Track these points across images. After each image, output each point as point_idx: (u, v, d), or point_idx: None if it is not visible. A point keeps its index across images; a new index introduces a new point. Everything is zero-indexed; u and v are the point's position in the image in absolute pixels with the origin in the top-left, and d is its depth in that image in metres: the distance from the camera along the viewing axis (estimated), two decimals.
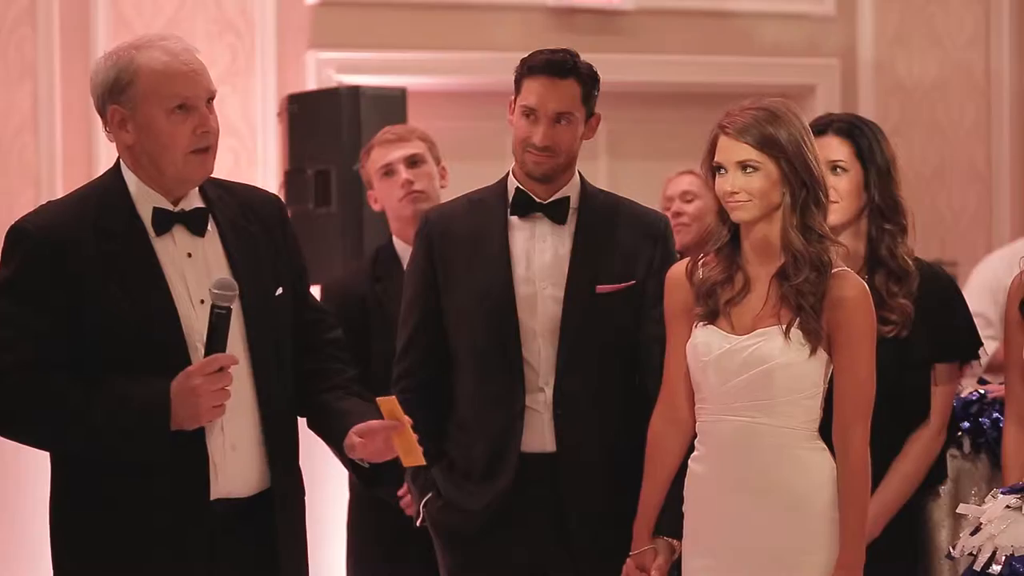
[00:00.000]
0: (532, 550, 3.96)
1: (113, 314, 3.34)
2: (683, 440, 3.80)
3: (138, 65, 3.40)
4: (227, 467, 3.40)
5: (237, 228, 3.50)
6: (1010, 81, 8.66)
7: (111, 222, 3.40)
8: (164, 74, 3.40)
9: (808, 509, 3.65)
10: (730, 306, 3.70)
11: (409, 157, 4.83)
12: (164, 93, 3.39)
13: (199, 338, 3.37)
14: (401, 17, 7.68)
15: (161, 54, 3.42)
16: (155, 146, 3.40)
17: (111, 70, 3.42)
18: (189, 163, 3.43)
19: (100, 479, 3.36)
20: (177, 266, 3.41)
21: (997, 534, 3.65)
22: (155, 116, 3.40)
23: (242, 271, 3.43)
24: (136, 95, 3.40)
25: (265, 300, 3.46)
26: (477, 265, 4.00)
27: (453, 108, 7.54)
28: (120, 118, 3.42)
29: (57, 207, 3.48)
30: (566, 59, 3.95)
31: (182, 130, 3.40)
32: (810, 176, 3.66)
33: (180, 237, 3.44)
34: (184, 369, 3.32)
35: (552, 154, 3.95)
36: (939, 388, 4.05)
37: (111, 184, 3.47)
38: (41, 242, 3.36)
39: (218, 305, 3.33)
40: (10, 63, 6.95)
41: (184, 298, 3.40)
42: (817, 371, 3.66)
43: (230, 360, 3.33)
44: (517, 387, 3.94)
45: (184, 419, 3.31)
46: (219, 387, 3.32)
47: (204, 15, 7.17)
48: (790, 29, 8.34)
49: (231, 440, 3.40)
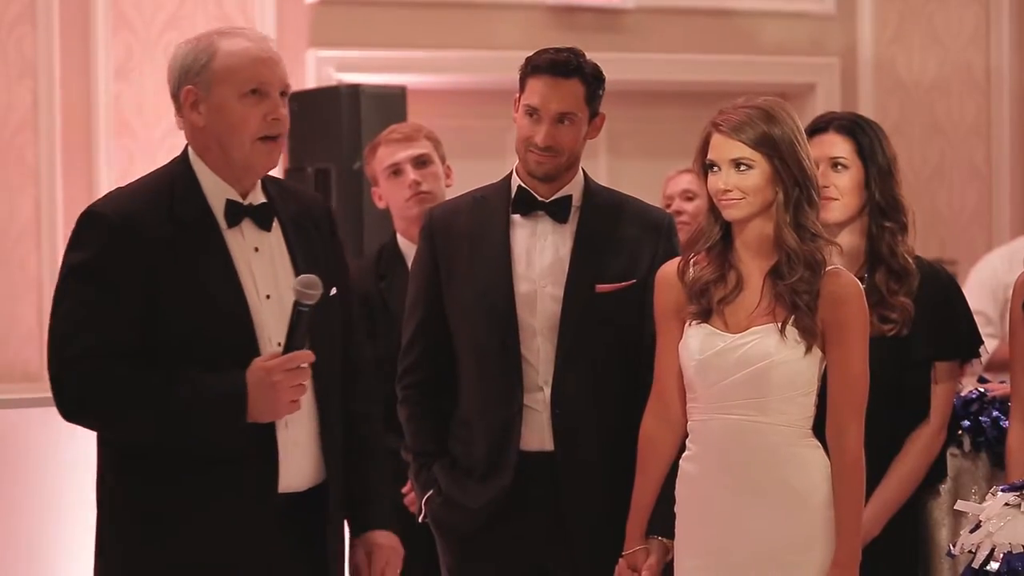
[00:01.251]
0: (531, 548, 3.96)
1: (184, 304, 3.35)
2: (675, 439, 3.79)
3: (217, 47, 3.41)
4: (290, 462, 3.42)
5: (298, 226, 3.51)
6: (1010, 80, 8.67)
7: (185, 211, 3.41)
8: (241, 57, 3.41)
9: (803, 507, 3.65)
10: (723, 304, 3.69)
11: (417, 157, 4.84)
12: (239, 76, 3.40)
13: (265, 332, 3.39)
14: (401, 15, 7.69)
15: (242, 39, 3.43)
16: (224, 128, 3.41)
17: (190, 53, 3.44)
18: (256, 149, 3.42)
19: (168, 467, 3.37)
20: (245, 260, 3.42)
21: (995, 532, 3.64)
22: (227, 97, 3.40)
23: (303, 268, 3.44)
24: (211, 76, 3.40)
25: (322, 299, 3.46)
26: (478, 263, 4.00)
27: (453, 106, 7.54)
28: (193, 99, 3.42)
29: (131, 193, 3.47)
30: (570, 59, 3.94)
31: (253, 113, 3.40)
32: (803, 175, 3.66)
33: (248, 231, 3.45)
34: (255, 360, 3.34)
35: (554, 154, 3.95)
36: (939, 387, 4.05)
37: (182, 173, 3.47)
38: (118, 227, 3.35)
39: (301, 303, 3.34)
40: (10, 61, 6.96)
41: (252, 292, 3.41)
42: (811, 369, 3.66)
43: (308, 357, 3.36)
44: (516, 385, 3.94)
45: (261, 412, 3.33)
46: (297, 383, 3.35)
47: (204, 13, 7.17)
48: (790, 28, 8.35)
49: (294, 436, 3.43)
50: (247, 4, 7.23)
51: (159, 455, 3.37)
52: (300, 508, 3.45)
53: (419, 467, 4.08)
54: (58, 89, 6.99)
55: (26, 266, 6.96)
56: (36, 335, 6.88)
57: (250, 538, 3.37)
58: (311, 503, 3.47)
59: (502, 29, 7.77)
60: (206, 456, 3.35)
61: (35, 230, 6.96)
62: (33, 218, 6.97)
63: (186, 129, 3.48)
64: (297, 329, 3.35)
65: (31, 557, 5.49)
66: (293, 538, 3.44)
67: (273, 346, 3.39)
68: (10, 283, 6.97)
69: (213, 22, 7.16)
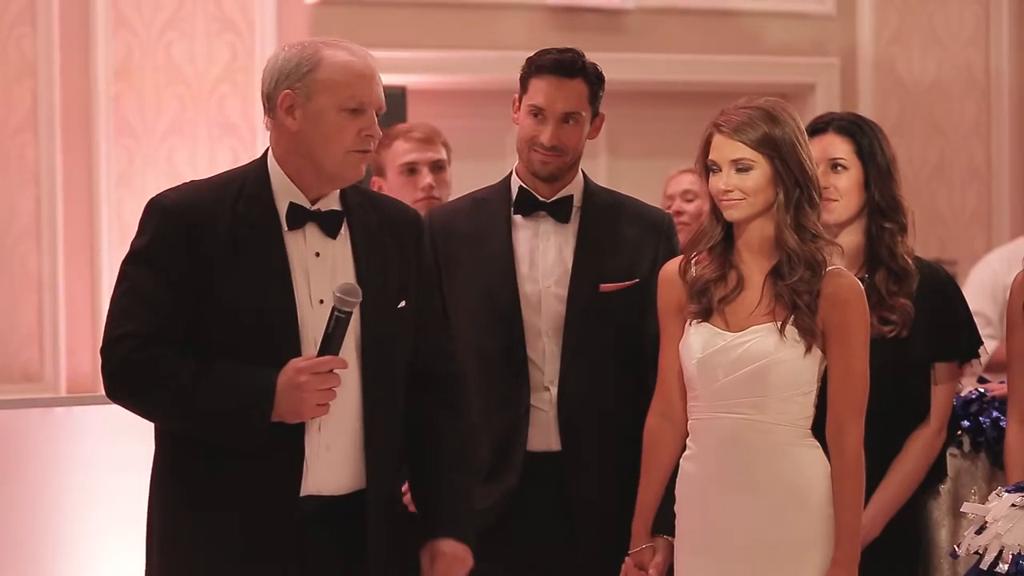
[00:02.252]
0: (538, 549, 3.96)
1: (234, 299, 3.37)
2: (680, 437, 3.80)
3: (322, 56, 3.43)
4: (319, 466, 3.42)
5: (371, 236, 3.51)
6: (1009, 80, 8.67)
7: (248, 209, 3.43)
8: (346, 71, 3.43)
9: (802, 506, 3.65)
10: (724, 304, 3.70)
11: (436, 162, 4.88)
12: (342, 91, 3.42)
13: (312, 336, 3.40)
14: (401, 15, 7.69)
15: (346, 53, 3.45)
16: (319, 137, 3.42)
17: (293, 57, 3.45)
18: (348, 161, 3.44)
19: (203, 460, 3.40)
20: (303, 263, 3.43)
21: (1004, 533, 3.65)
22: (327, 109, 3.41)
23: (367, 278, 3.44)
24: (313, 84, 3.42)
25: (386, 310, 3.47)
26: (480, 264, 4.00)
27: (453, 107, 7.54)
28: (290, 103, 3.43)
29: (199, 186, 3.50)
30: (574, 59, 3.95)
31: (350, 128, 3.42)
32: (804, 175, 3.67)
33: (311, 235, 3.46)
34: (290, 360, 3.35)
35: (559, 154, 3.95)
36: (939, 387, 4.05)
37: (256, 173, 3.49)
38: (177, 217, 3.39)
39: (340, 309, 3.34)
40: (10, 61, 6.95)
41: (304, 295, 3.42)
42: (811, 368, 3.66)
43: (340, 363, 3.35)
44: (522, 386, 3.94)
45: (286, 412, 3.34)
46: (326, 387, 3.35)
47: (204, 13, 7.17)
48: (790, 28, 8.35)
49: (326, 441, 3.42)
50: (247, 4, 7.23)
51: (197, 450, 3.40)
52: (339, 512, 3.45)
53: None
54: (58, 89, 6.99)
55: (26, 266, 6.95)
56: (36, 335, 6.88)
57: (274, 536, 3.38)
58: (352, 508, 3.46)
59: (503, 29, 7.77)
60: (235, 450, 3.37)
61: (35, 230, 6.95)
62: (33, 218, 6.96)
63: (273, 131, 3.49)
64: (333, 334, 3.35)
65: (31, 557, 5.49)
66: (330, 541, 3.44)
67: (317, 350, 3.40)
68: (10, 283, 6.96)
69: (213, 23, 7.16)
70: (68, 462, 5.20)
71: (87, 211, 6.74)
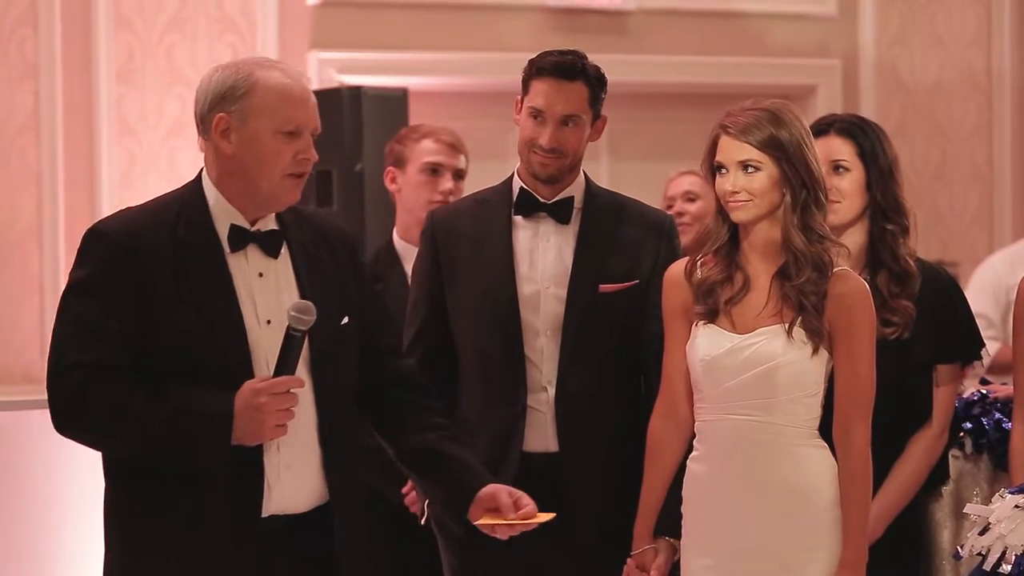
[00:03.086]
0: (535, 550, 3.96)
1: (181, 324, 3.35)
2: (683, 439, 3.80)
3: (256, 79, 3.41)
4: (281, 486, 3.41)
5: (309, 254, 3.51)
6: (1012, 81, 8.66)
7: (189, 234, 3.41)
8: (281, 95, 3.41)
9: (809, 507, 3.66)
10: (730, 305, 3.71)
11: (459, 170, 4.93)
12: (278, 114, 3.40)
13: (263, 356, 3.39)
14: (403, 17, 7.69)
15: (281, 75, 3.43)
16: (254, 160, 3.41)
17: (227, 79, 3.42)
18: (284, 185, 3.43)
19: (155, 486, 3.37)
20: (247, 284, 3.42)
21: (1007, 534, 3.65)
22: (262, 132, 3.40)
23: (311, 296, 3.43)
24: (248, 108, 3.40)
25: (332, 326, 3.46)
26: (480, 264, 4.00)
27: (455, 108, 7.54)
28: (225, 127, 3.41)
29: (137, 213, 3.48)
30: (575, 62, 3.95)
31: (286, 151, 3.41)
32: (810, 177, 3.67)
33: (253, 256, 3.45)
34: (245, 382, 3.33)
35: (559, 156, 3.96)
36: (941, 389, 4.05)
37: (191, 196, 3.47)
38: (119, 245, 3.37)
39: (294, 328, 3.34)
40: (11, 63, 6.96)
41: (252, 316, 3.41)
42: (818, 370, 3.67)
43: (297, 382, 3.35)
44: (519, 386, 3.95)
45: (246, 434, 3.33)
46: (284, 407, 3.33)
47: (206, 15, 7.17)
48: (791, 30, 8.35)
49: (287, 460, 3.42)
50: (249, 6, 7.23)
51: (150, 474, 3.37)
52: (303, 530, 3.44)
53: None
54: (60, 91, 6.99)
55: (28, 268, 6.96)
56: (38, 337, 6.88)
57: (236, 560, 3.36)
58: (316, 523, 3.45)
59: (504, 31, 7.77)
60: (192, 476, 3.34)
61: (37, 232, 6.96)
62: (35, 220, 6.97)
63: (208, 153, 3.48)
64: (289, 354, 3.34)
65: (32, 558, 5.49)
66: (295, 559, 3.43)
67: (271, 370, 3.38)
68: (12, 285, 6.97)
69: (215, 24, 7.16)
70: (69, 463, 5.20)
71: (89, 212, 6.74)
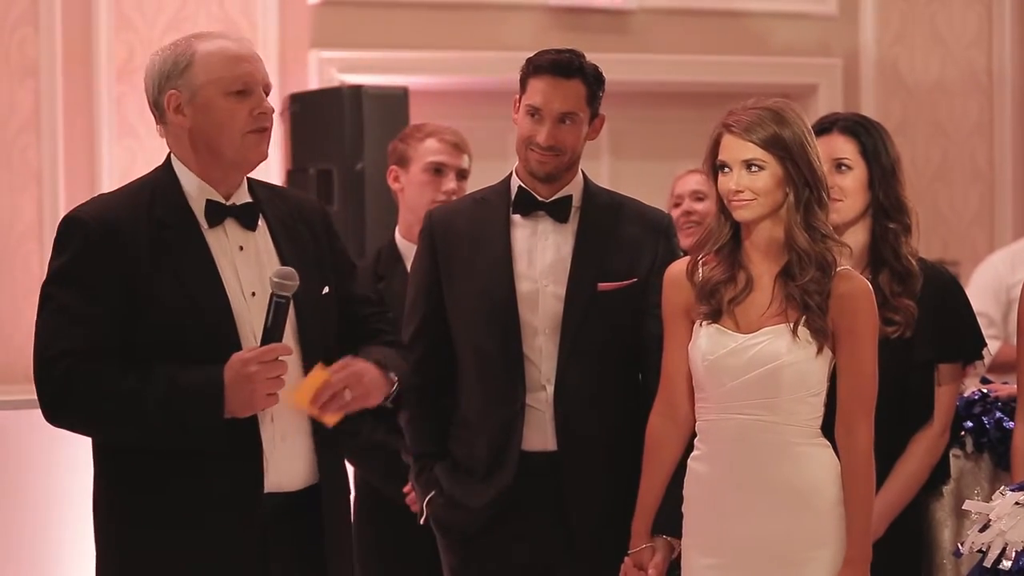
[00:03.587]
0: (534, 548, 3.96)
1: (166, 303, 3.37)
2: (682, 437, 3.81)
3: (195, 49, 3.45)
4: (277, 458, 3.43)
5: (287, 226, 3.54)
6: (1012, 80, 8.66)
7: (165, 213, 3.43)
8: (223, 57, 3.45)
9: (813, 506, 3.66)
10: (733, 305, 3.71)
11: (462, 171, 4.92)
12: (224, 76, 3.44)
13: (250, 329, 3.41)
14: (403, 16, 7.69)
15: (221, 40, 3.48)
16: (213, 127, 3.44)
17: (168, 58, 3.46)
18: (247, 143, 3.46)
19: (154, 470, 3.38)
20: (229, 258, 3.45)
21: (1007, 530, 3.65)
22: (213, 97, 3.43)
23: (292, 266, 3.45)
24: (194, 78, 3.43)
25: (314, 296, 3.49)
26: (479, 263, 4.00)
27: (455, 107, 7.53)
28: (177, 102, 3.44)
29: (111, 198, 3.51)
30: (572, 59, 3.95)
31: (240, 109, 3.44)
32: (813, 176, 3.68)
33: (232, 230, 3.48)
34: (234, 354, 3.34)
35: (556, 154, 3.96)
36: (942, 388, 4.05)
37: (163, 178, 3.50)
38: (96, 230, 3.38)
39: (279, 294, 3.36)
40: (12, 62, 6.95)
41: (236, 290, 3.43)
42: (822, 369, 3.67)
43: (286, 350, 3.37)
44: (518, 385, 3.95)
45: (238, 406, 3.34)
46: (274, 375, 3.35)
47: (206, 14, 7.17)
48: (792, 29, 8.35)
49: (281, 430, 3.44)
50: (249, 5, 7.23)
51: (146, 460, 3.38)
52: (295, 510, 3.45)
53: (420, 468, 4.09)
54: (60, 90, 6.99)
55: (29, 267, 6.95)
56: None
57: (239, 539, 3.37)
58: (307, 505, 3.47)
59: (505, 30, 7.77)
60: (189, 457, 3.35)
61: (37, 231, 6.96)
62: (35, 219, 6.97)
63: (169, 134, 3.50)
64: (275, 321, 3.36)
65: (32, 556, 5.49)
66: (287, 541, 3.44)
67: (257, 342, 3.40)
68: (12, 284, 6.96)
69: (215, 23, 7.16)
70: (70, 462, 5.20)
71: None
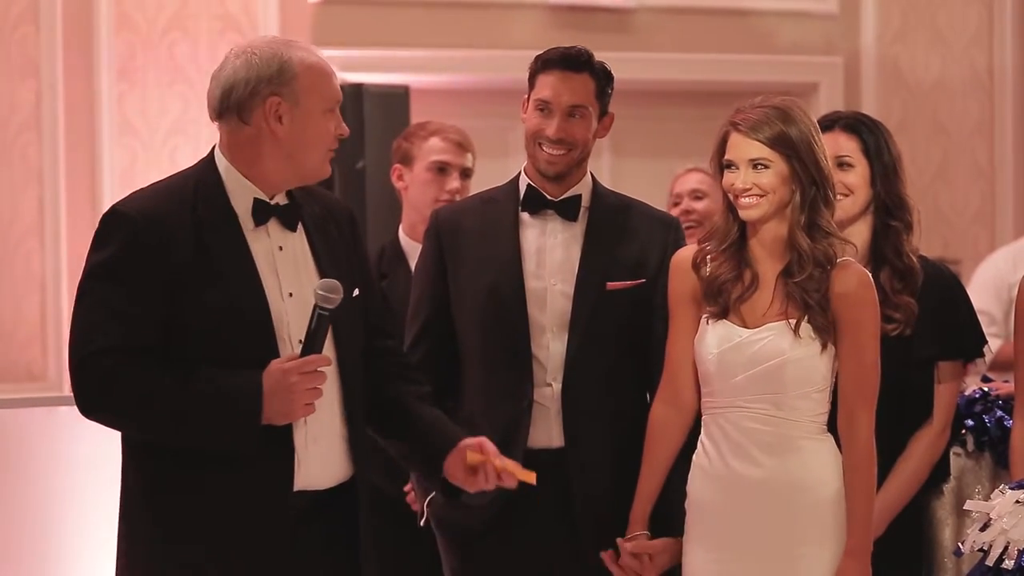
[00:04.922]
0: (538, 546, 3.95)
1: (206, 302, 3.37)
2: (684, 426, 3.82)
3: (298, 58, 3.45)
4: (309, 460, 3.43)
5: (320, 227, 3.54)
6: (1013, 79, 8.66)
7: (208, 211, 3.43)
8: (322, 72, 3.47)
9: (816, 500, 3.67)
10: (739, 302, 3.72)
11: (466, 170, 4.92)
12: (325, 92, 3.46)
13: (287, 330, 3.42)
14: (404, 15, 7.69)
15: (308, 54, 3.48)
16: (306, 139, 3.45)
17: (270, 62, 3.44)
18: (325, 160, 3.50)
19: (184, 466, 3.38)
20: (269, 259, 3.45)
21: (1009, 528, 3.65)
22: (314, 111, 3.45)
23: (328, 269, 3.47)
24: (300, 89, 3.43)
25: (347, 299, 3.48)
26: (487, 260, 4.00)
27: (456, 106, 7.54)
28: (278, 109, 3.43)
29: (154, 193, 3.48)
30: (581, 54, 3.96)
31: (330, 128, 3.48)
32: (820, 174, 3.69)
33: (274, 230, 3.48)
34: (273, 360, 3.35)
35: (566, 148, 3.95)
36: (943, 386, 4.05)
37: (205, 174, 3.48)
38: (142, 226, 3.37)
39: (322, 307, 3.36)
40: (13, 61, 6.95)
41: (275, 290, 3.43)
42: (826, 365, 3.68)
43: (325, 361, 3.37)
44: (525, 382, 3.94)
45: (275, 414, 3.34)
46: (313, 386, 3.35)
47: (207, 12, 7.17)
48: (793, 27, 8.35)
49: (313, 434, 3.44)
50: (251, 3, 7.22)
51: (176, 456, 3.38)
52: (327, 506, 3.46)
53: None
54: (61, 89, 6.99)
55: (30, 266, 6.95)
56: (40, 335, 6.88)
57: (268, 538, 3.38)
58: (339, 501, 3.48)
59: (506, 29, 7.77)
60: (221, 456, 3.36)
61: (38, 230, 6.95)
62: (36, 218, 6.97)
63: (235, 132, 3.46)
64: (317, 333, 3.36)
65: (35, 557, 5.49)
66: (320, 537, 3.45)
67: (293, 344, 3.40)
68: (13, 283, 6.96)
69: (216, 22, 7.16)
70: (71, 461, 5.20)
71: (90, 211, 6.73)
